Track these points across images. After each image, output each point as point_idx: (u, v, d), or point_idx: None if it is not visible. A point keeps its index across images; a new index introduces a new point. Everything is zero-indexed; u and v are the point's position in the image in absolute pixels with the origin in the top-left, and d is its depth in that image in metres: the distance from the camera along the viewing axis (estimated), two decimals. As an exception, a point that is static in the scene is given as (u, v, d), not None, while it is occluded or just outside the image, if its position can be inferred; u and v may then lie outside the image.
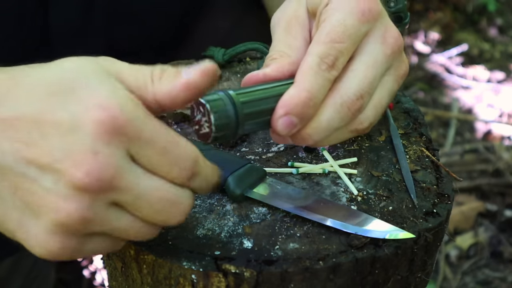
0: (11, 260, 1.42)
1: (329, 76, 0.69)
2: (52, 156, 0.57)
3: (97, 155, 0.56)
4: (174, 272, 0.67)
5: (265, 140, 0.85)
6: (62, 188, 0.57)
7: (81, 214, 0.57)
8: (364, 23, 0.71)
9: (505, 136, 2.63)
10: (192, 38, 1.21)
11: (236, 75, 0.98)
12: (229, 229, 0.71)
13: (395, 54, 0.73)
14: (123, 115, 0.57)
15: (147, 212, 0.60)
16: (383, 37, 0.72)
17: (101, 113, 0.57)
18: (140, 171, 0.59)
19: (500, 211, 2.28)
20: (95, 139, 0.56)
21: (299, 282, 0.66)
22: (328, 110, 0.69)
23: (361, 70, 0.70)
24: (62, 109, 0.57)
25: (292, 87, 0.68)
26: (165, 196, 0.60)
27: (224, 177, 0.74)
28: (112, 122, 0.57)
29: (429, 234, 0.71)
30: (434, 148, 0.85)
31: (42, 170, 0.58)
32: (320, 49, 0.69)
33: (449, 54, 3.07)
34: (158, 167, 0.60)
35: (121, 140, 0.57)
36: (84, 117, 0.57)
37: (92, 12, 1.07)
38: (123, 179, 0.58)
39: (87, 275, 1.96)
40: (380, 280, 0.69)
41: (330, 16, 0.71)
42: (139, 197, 0.59)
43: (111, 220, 0.60)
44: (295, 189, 0.75)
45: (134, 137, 0.58)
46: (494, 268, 2.11)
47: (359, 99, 0.70)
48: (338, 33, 0.69)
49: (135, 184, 0.59)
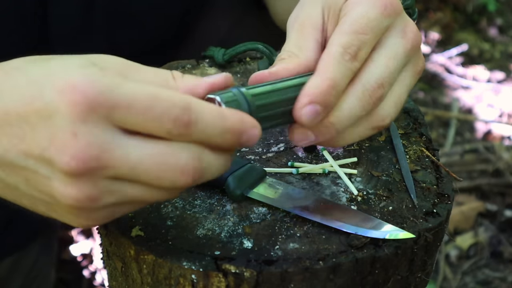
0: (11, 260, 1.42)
1: (351, 67, 0.69)
2: (40, 146, 0.58)
3: (76, 136, 0.56)
4: (174, 272, 0.67)
5: (265, 140, 0.85)
6: (59, 175, 0.58)
7: (86, 196, 0.58)
8: (385, 17, 0.71)
9: (505, 136, 2.63)
10: (192, 37, 1.21)
11: (236, 75, 0.98)
12: (229, 229, 0.71)
13: (414, 50, 0.73)
14: (93, 89, 0.57)
15: (149, 179, 0.59)
16: (403, 31, 0.72)
17: (72, 93, 0.56)
18: (128, 141, 0.58)
19: (500, 211, 2.28)
20: (72, 121, 0.56)
21: (299, 282, 0.66)
22: (350, 98, 0.69)
23: (382, 61, 0.71)
24: (40, 97, 0.58)
25: (315, 76, 0.68)
26: (161, 160, 0.59)
27: (224, 177, 0.74)
28: (84, 99, 0.56)
29: (429, 234, 0.71)
30: (434, 148, 0.85)
31: (37, 161, 0.58)
32: (343, 40, 0.69)
33: (449, 54, 3.07)
34: (147, 126, 0.58)
35: (98, 115, 0.57)
36: (59, 101, 0.57)
37: (92, 12, 1.07)
38: (110, 154, 0.57)
39: (87, 275, 1.96)
40: (380, 280, 0.69)
41: (352, 9, 0.71)
42: (134, 167, 0.58)
43: (120, 191, 0.60)
44: (295, 189, 0.75)
45: (111, 107, 0.57)
46: (494, 268, 2.11)
47: (380, 87, 0.70)
48: (361, 24, 0.70)
49: (125, 156, 0.58)
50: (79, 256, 2.00)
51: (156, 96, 0.58)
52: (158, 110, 0.58)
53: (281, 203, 0.73)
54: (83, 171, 0.57)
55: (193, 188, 0.75)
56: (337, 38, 0.70)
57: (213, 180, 0.75)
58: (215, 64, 1.00)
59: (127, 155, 0.58)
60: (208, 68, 0.99)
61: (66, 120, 0.56)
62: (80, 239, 2.03)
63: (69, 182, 0.58)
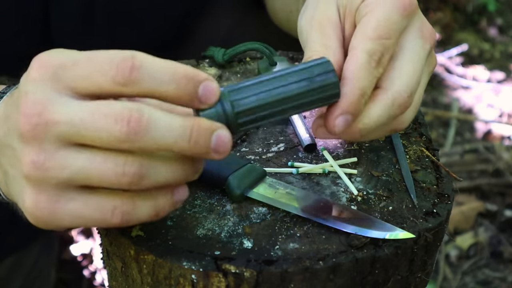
0: (11, 260, 1.42)
1: (376, 73, 0.69)
2: (13, 115, 0.61)
3: (27, 94, 0.59)
4: (174, 272, 0.67)
5: (265, 140, 0.85)
6: (19, 144, 0.60)
7: (32, 159, 0.59)
8: (405, 18, 0.70)
9: (505, 136, 2.63)
10: (193, 37, 1.21)
11: (236, 75, 0.98)
12: (229, 229, 0.71)
13: (432, 49, 0.73)
14: (45, 54, 0.60)
15: (88, 133, 0.58)
16: (421, 31, 0.72)
17: (32, 60, 0.61)
18: (74, 101, 0.59)
19: (500, 211, 2.28)
20: (26, 81, 0.60)
21: (299, 282, 0.66)
22: (379, 106, 0.69)
23: (408, 67, 0.70)
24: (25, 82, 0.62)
25: (345, 85, 0.68)
26: (96, 109, 0.58)
27: (224, 177, 0.74)
28: (35, 62, 0.60)
29: (429, 234, 0.71)
30: (434, 148, 0.85)
31: (13, 133, 0.61)
32: (368, 46, 0.68)
33: (449, 54, 3.07)
34: (93, 79, 0.59)
35: (48, 75, 0.59)
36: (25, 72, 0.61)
37: (92, 12, 1.07)
38: (53, 109, 0.58)
39: (87, 275, 1.96)
40: (380, 280, 0.69)
41: (372, 11, 0.70)
42: (74, 121, 0.58)
43: (67, 162, 0.59)
44: (295, 189, 0.75)
45: (58, 65, 0.59)
46: (494, 268, 2.11)
47: (410, 96, 0.70)
48: (384, 28, 0.69)
49: (68, 111, 0.58)
50: (79, 256, 2.00)
51: (100, 52, 0.60)
52: (101, 58, 0.59)
53: (281, 203, 0.73)
54: (29, 128, 0.58)
55: (193, 188, 0.75)
56: (362, 44, 0.69)
57: (213, 180, 0.75)
58: (215, 64, 1.00)
59: (67, 113, 0.58)
60: (208, 68, 0.99)
61: (23, 83, 0.60)
62: (80, 239, 2.03)
63: (23, 147, 0.59)
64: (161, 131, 0.58)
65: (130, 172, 0.59)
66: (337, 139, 0.84)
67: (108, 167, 0.59)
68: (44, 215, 0.61)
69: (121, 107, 0.58)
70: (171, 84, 0.59)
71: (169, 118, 0.59)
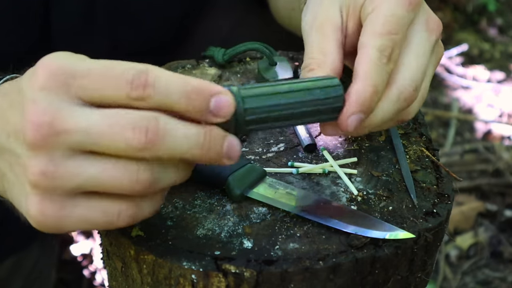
0: (11, 261, 1.42)
1: (388, 69, 0.69)
2: (16, 120, 0.60)
3: (35, 103, 0.57)
4: (174, 272, 0.67)
5: (265, 140, 0.85)
6: (25, 151, 0.59)
7: (41, 169, 0.58)
8: (411, 12, 0.71)
9: (505, 136, 2.63)
10: (193, 37, 1.21)
11: (236, 75, 0.98)
12: (229, 229, 0.71)
13: (437, 40, 0.73)
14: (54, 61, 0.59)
15: (103, 143, 0.57)
16: (427, 24, 0.72)
17: (37, 65, 0.59)
18: (85, 110, 0.58)
19: (500, 211, 2.28)
20: (33, 89, 0.58)
21: (299, 282, 0.66)
22: (386, 102, 0.70)
23: (413, 61, 0.71)
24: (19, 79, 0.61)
25: (357, 83, 0.68)
26: (112, 121, 0.57)
27: (224, 177, 0.74)
28: (44, 70, 0.58)
29: (429, 234, 0.71)
30: (434, 148, 0.85)
31: (15, 138, 0.60)
32: (378, 42, 0.69)
33: (449, 54, 3.07)
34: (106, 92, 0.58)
35: (57, 83, 0.58)
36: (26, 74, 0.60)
37: (93, 11, 1.08)
38: (64, 119, 0.57)
39: (87, 275, 1.96)
40: (380, 280, 0.69)
41: (378, 7, 0.71)
42: (90, 131, 0.57)
43: (77, 170, 0.58)
44: (295, 189, 0.75)
45: (69, 74, 0.58)
46: (494, 268, 2.11)
47: (415, 90, 0.70)
48: (393, 24, 0.69)
49: (80, 120, 0.57)
50: (79, 256, 2.00)
51: (113, 63, 0.59)
52: (115, 72, 0.58)
53: (281, 203, 0.73)
54: (39, 138, 0.57)
55: (193, 188, 0.75)
56: (372, 40, 0.69)
57: (213, 180, 0.75)
58: (215, 64, 1.00)
59: (80, 122, 0.58)
60: (208, 68, 0.99)
61: (29, 89, 0.58)
62: (80, 239, 2.03)
63: (30, 155, 0.58)
64: (176, 140, 0.58)
65: (144, 179, 0.59)
66: (338, 139, 0.84)
67: (122, 175, 0.58)
68: (49, 221, 0.60)
69: (139, 116, 0.57)
70: (181, 99, 0.59)
71: (183, 126, 0.59)
